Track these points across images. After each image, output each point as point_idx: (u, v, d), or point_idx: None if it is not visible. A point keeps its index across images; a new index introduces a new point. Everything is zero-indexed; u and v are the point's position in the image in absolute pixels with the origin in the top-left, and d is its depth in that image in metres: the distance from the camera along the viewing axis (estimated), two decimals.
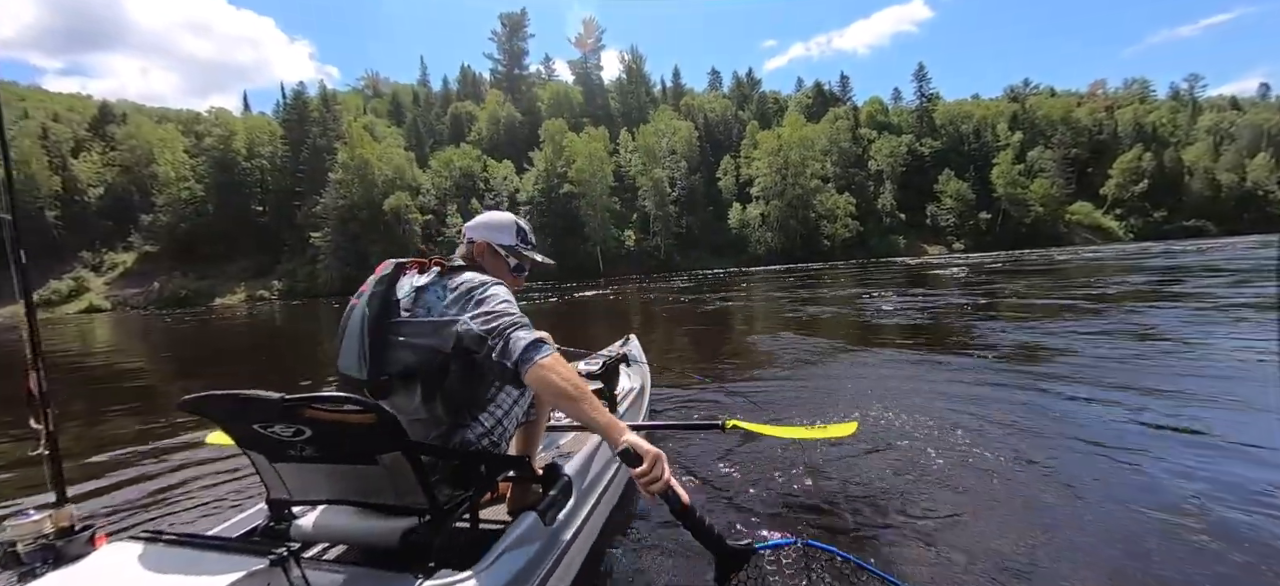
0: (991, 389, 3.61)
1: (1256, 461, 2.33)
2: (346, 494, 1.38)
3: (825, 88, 71.91)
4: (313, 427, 1.21)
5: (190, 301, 44.61)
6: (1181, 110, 73.75)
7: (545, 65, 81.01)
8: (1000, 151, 59.93)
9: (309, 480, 1.38)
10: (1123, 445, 2.57)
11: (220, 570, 1.03)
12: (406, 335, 1.44)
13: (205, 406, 1.25)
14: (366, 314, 1.43)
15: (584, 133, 54.29)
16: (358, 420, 1.18)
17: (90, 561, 1.15)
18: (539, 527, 1.48)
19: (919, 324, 7.27)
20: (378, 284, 1.48)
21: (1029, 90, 75.25)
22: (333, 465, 1.32)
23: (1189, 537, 1.80)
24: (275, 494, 1.45)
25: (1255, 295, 7.95)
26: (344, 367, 1.46)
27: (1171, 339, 5.25)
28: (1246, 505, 1.97)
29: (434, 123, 66.90)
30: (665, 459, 1.31)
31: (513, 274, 1.72)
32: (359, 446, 1.26)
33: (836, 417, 2.89)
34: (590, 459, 1.94)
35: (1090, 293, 9.78)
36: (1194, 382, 3.58)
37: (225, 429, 1.37)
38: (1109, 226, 58.62)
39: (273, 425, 1.23)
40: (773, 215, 52.30)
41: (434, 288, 1.47)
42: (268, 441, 1.28)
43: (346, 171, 47.97)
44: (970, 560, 1.70)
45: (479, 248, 1.67)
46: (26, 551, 1.17)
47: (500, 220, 1.70)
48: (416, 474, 1.26)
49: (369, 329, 1.43)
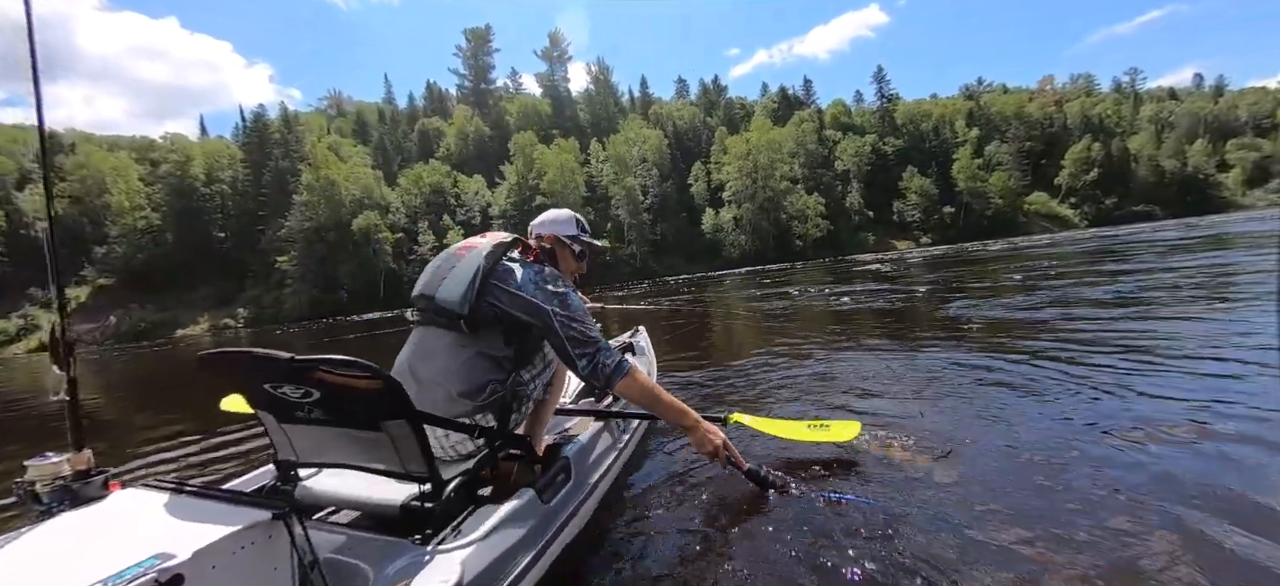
0: (993, 377, 3.53)
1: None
2: (351, 458, 1.41)
3: (790, 92, 73.43)
4: (321, 390, 1.24)
5: (149, 334, 42.83)
6: (1125, 102, 77.50)
7: (512, 79, 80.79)
8: (959, 147, 62.06)
9: (315, 442, 1.42)
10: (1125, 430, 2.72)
11: (225, 520, 1.06)
12: (502, 297, 1.62)
13: (220, 364, 1.30)
14: (483, 266, 1.61)
15: (554, 144, 54.30)
16: (365, 385, 1.22)
17: (105, 504, 1.18)
18: (536, 504, 1.52)
19: (900, 314, 7.50)
20: (496, 248, 1.68)
21: (983, 88, 78.15)
22: (339, 429, 1.35)
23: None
24: (283, 454, 1.48)
25: (1228, 268, 8.42)
26: (443, 298, 1.61)
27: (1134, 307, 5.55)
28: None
29: (401, 140, 66.00)
30: (728, 444, 1.88)
31: (577, 261, 2.00)
32: (365, 412, 1.29)
33: (841, 416, 2.90)
34: (592, 442, 2.00)
35: (1061, 276, 10.22)
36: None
37: (237, 388, 1.42)
38: (1065, 214, 61.09)
39: (282, 385, 1.26)
40: (745, 218, 53.00)
41: (529, 270, 1.67)
42: (277, 401, 1.31)
43: (312, 193, 46.89)
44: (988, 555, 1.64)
45: (547, 239, 1.92)
46: (45, 491, 1.22)
47: (561, 215, 1.99)
48: (419, 443, 1.29)
49: (481, 275, 1.60)
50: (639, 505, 2.13)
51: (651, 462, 2.54)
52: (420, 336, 1.71)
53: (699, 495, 2.14)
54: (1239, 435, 2.24)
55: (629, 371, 1.66)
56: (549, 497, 1.59)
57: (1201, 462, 2.05)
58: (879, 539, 1.71)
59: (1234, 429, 2.30)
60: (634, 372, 1.68)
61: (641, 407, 1.88)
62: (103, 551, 0.97)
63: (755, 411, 2.98)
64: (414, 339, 1.73)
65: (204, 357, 1.28)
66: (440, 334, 1.64)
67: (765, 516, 1.90)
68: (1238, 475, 1.93)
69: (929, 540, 1.68)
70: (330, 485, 1.54)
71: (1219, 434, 2.27)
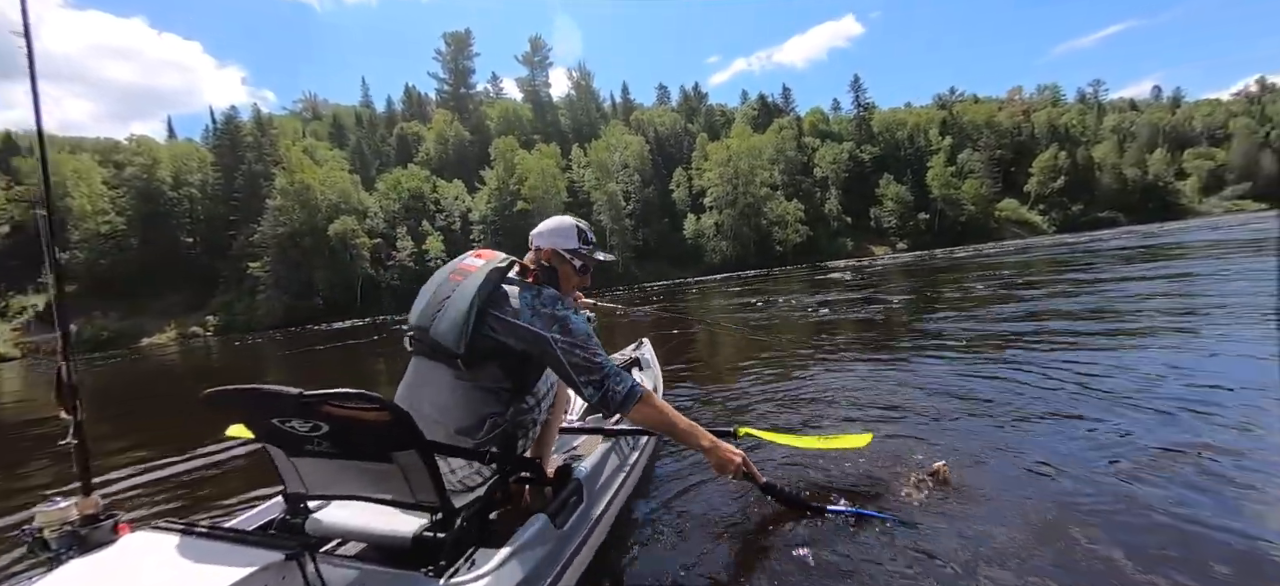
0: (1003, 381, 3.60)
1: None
2: (361, 490, 1.40)
3: (769, 100, 74.30)
4: (329, 423, 1.24)
5: (112, 343, 41.20)
6: (1089, 112, 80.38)
7: (493, 84, 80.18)
8: (933, 155, 63.42)
9: (325, 475, 1.41)
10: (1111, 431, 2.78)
11: (237, 562, 1.05)
12: (500, 328, 1.55)
13: (226, 400, 1.28)
14: (477, 300, 1.53)
15: (535, 149, 53.99)
16: (374, 417, 1.21)
17: (113, 549, 1.18)
18: (550, 529, 1.51)
19: (890, 324, 7.61)
20: (491, 274, 1.59)
21: (955, 97, 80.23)
22: (348, 461, 1.34)
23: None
24: (292, 488, 1.48)
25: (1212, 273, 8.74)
26: (438, 335, 1.54)
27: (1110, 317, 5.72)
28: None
29: (379, 144, 64.93)
30: (746, 460, 1.79)
31: (579, 275, 1.88)
32: (374, 444, 1.28)
33: (852, 428, 2.83)
34: (602, 462, 1.97)
35: (1037, 284, 10.50)
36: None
37: (245, 422, 1.41)
38: (1034, 221, 62.89)
39: (290, 420, 1.26)
40: (727, 224, 53.37)
41: (526, 293, 1.59)
42: (285, 436, 1.30)
43: (286, 197, 45.73)
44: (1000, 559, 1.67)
45: (546, 254, 1.80)
46: (54, 537, 1.20)
47: (563, 225, 1.85)
48: (430, 473, 1.28)
49: (476, 312, 1.52)
50: (652, 524, 2.10)
51: (662, 478, 2.51)
52: (417, 369, 1.67)
53: (713, 512, 2.12)
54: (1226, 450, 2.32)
55: (641, 397, 1.58)
56: (562, 522, 1.57)
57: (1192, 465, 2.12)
58: (897, 555, 1.72)
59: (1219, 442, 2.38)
60: (646, 398, 1.60)
61: (655, 430, 1.86)
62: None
63: (760, 424, 2.99)
64: (412, 371, 1.69)
65: (209, 395, 1.26)
66: (437, 367, 1.59)
67: (781, 533, 1.90)
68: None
69: (949, 557, 1.69)
70: (340, 517, 1.53)
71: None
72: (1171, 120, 79.01)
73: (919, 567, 1.65)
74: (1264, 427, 2.42)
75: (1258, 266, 8.54)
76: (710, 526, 2.01)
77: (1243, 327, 4.48)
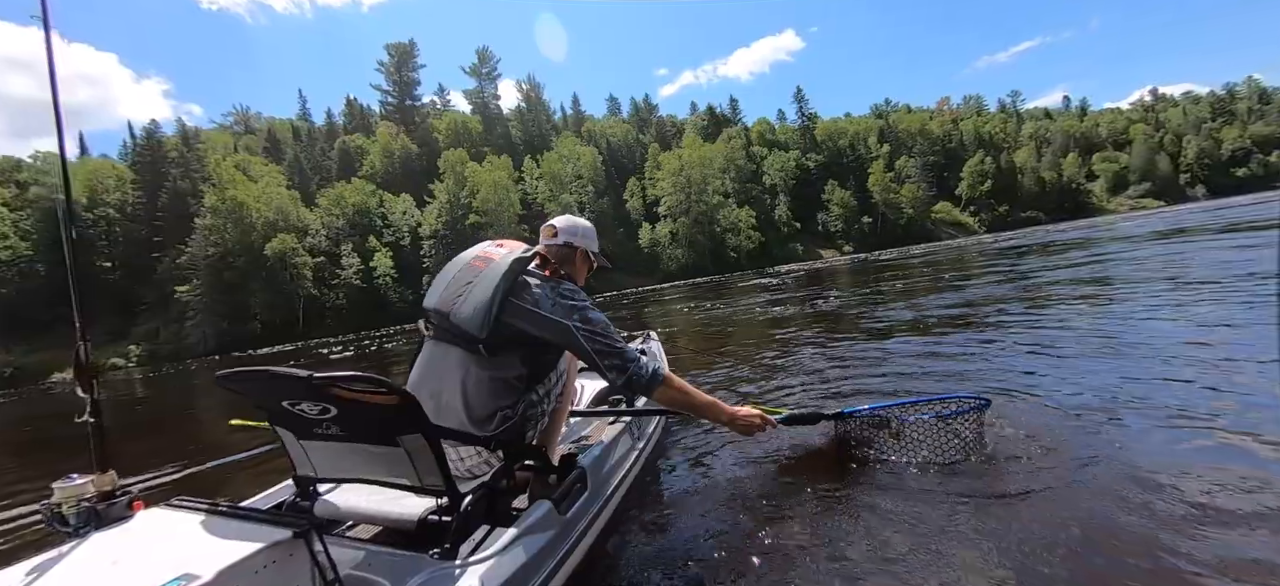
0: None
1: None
2: (369, 473, 1.43)
3: (717, 110, 76.21)
4: (338, 406, 1.26)
5: (16, 380, 37.35)
6: (1010, 121, 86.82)
7: (440, 96, 78.48)
8: (873, 162, 66.86)
9: (333, 458, 1.43)
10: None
11: (248, 538, 1.09)
12: (521, 317, 1.58)
13: (240, 382, 1.31)
14: (501, 287, 1.56)
15: (486, 161, 53.11)
16: (382, 401, 1.23)
17: (130, 525, 1.23)
18: (553, 516, 1.52)
19: (840, 316, 7.91)
20: (515, 264, 1.63)
21: (891, 107, 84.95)
22: (356, 444, 1.36)
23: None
24: (301, 470, 1.51)
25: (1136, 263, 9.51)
26: (460, 318, 1.56)
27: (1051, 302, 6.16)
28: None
29: (320, 158, 62.13)
30: (762, 415, 1.98)
31: (589, 275, 2.00)
32: (382, 427, 1.30)
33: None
34: (607, 451, 2.00)
35: (969, 276, 11.16)
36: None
37: (257, 404, 1.41)
38: (966, 222, 67.18)
39: (300, 402, 1.28)
40: (681, 232, 54.15)
41: (546, 285, 1.63)
42: (295, 418, 1.33)
43: (217, 215, 42.95)
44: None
45: (578, 253, 1.90)
46: (72, 513, 1.24)
47: (589, 229, 1.95)
48: (436, 458, 1.30)
49: (501, 296, 1.56)
50: (658, 510, 2.12)
51: (669, 464, 2.55)
52: (432, 353, 1.67)
53: (718, 495, 2.16)
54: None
55: (664, 379, 1.68)
56: (566, 509, 1.59)
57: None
58: (888, 533, 1.79)
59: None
60: (669, 379, 1.70)
61: (677, 409, 1.97)
62: (130, 572, 1.02)
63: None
64: (426, 355, 1.69)
65: (223, 376, 1.30)
66: (454, 353, 1.60)
67: (782, 519, 1.94)
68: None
69: (961, 530, 1.79)
70: (349, 500, 1.55)
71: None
72: (1080, 127, 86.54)
73: (917, 540, 1.74)
74: (1168, 374, 2.84)
75: (1166, 250, 9.49)
76: (713, 513, 2.04)
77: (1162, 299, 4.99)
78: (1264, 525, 1.55)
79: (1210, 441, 2.10)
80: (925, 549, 1.62)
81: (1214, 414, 2.32)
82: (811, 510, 1.95)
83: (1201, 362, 3.02)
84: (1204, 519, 1.61)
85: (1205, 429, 2.19)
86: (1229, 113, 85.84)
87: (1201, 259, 7.97)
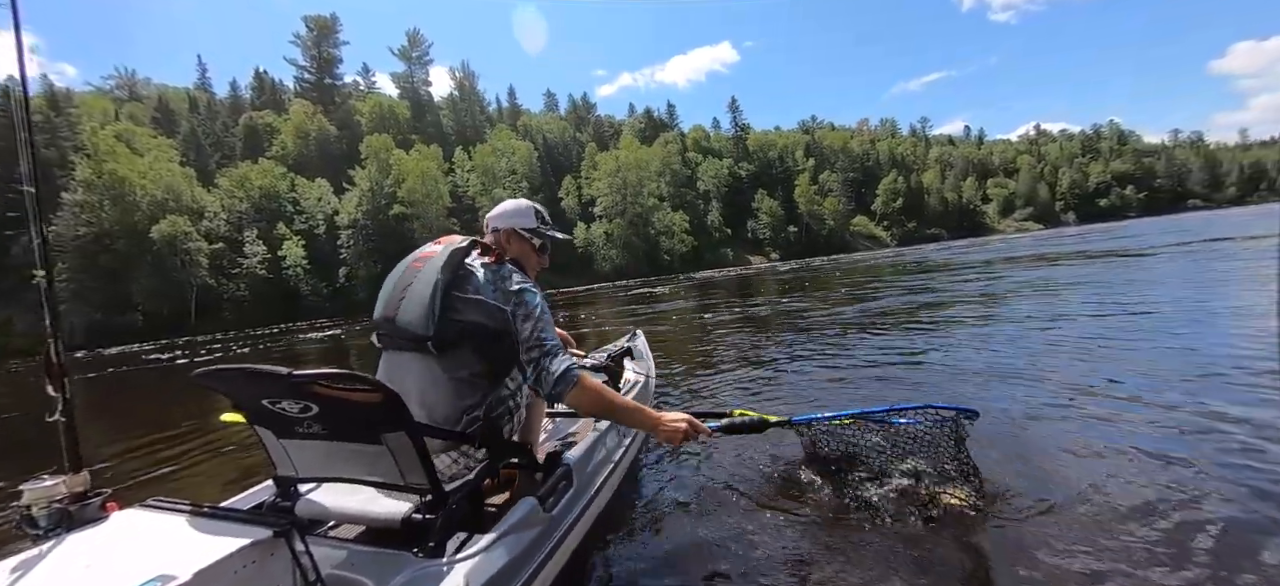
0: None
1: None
2: (351, 472, 1.40)
3: (655, 114, 77.15)
4: (320, 404, 1.23)
5: None
6: (919, 144, 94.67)
7: (364, 76, 73.55)
8: (800, 174, 70.43)
9: (315, 457, 1.40)
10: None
11: (227, 538, 1.08)
12: (466, 308, 1.53)
13: (217, 380, 1.28)
14: (441, 280, 1.50)
15: (414, 150, 50.51)
16: (363, 398, 1.20)
17: (104, 526, 1.19)
18: (538, 513, 1.51)
19: (772, 319, 8.20)
20: (453, 255, 1.57)
21: (817, 124, 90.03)
22: (338, 443, 1.33)
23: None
24: (282, 470, 1.47)
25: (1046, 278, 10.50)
26: (404, 321, 1.51)
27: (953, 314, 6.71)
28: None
29: (221, 134, 56.40)
30: (691, 421, 1.69)
31: (538, 254, 1.87)
32: (364, 425, 1.27)
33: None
34: (592, 449, 1.98)
35: (887, 283, 11.96)
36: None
37: (236, 404, 1.34)
38: (880, 235, 72.42)
39: (281, 401, 1.25)
40: (617, 233, 54.18)
41: (487, 271, 1.58)
42: (276, 417, 1.30)
43: (92, 191, 37.81)
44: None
45: (505, 235, 1.79)
46: (42, 514, 1.20)
47: (519, 206, 1.85)
48: (419, 455, 1.27)
49: (441, 293, 1.50)
50: (643, 508, 2.14)
51: (655, 462, 2.57)
52: (387, 363, 1.61)
53: (700, 498, 2.19)
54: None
55: (576, 381, 1.51)
56: (551, 506, 1.58)
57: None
58: (879, 538, 1.87)
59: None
60: (582, 381, 1.53)
61: (595, 414, 1.83)
62: (103, 574, 0.97)
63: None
64: (382, 367, 1.62)
65: (200, 375, 1.26)
66: (408, 358, 1.55)
67: (764, 519, 1.99)
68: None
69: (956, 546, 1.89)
70: (331, 500, 1.51)
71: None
72: (977, 154, 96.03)
73: (887, 543, 1.82)
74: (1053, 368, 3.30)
75: (1042, 274, 10.70)
76: (698, 512, 2.08)
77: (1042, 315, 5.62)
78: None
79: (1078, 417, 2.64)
80: (889, 553, 1.70)
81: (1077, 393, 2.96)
82: (792, 511, 2.01)
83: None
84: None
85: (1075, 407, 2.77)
86: (1095, 150, 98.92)
87: (1065, 276, 9.05)
